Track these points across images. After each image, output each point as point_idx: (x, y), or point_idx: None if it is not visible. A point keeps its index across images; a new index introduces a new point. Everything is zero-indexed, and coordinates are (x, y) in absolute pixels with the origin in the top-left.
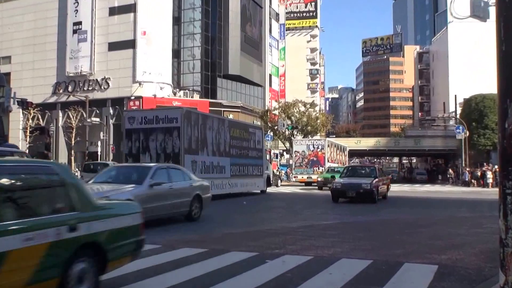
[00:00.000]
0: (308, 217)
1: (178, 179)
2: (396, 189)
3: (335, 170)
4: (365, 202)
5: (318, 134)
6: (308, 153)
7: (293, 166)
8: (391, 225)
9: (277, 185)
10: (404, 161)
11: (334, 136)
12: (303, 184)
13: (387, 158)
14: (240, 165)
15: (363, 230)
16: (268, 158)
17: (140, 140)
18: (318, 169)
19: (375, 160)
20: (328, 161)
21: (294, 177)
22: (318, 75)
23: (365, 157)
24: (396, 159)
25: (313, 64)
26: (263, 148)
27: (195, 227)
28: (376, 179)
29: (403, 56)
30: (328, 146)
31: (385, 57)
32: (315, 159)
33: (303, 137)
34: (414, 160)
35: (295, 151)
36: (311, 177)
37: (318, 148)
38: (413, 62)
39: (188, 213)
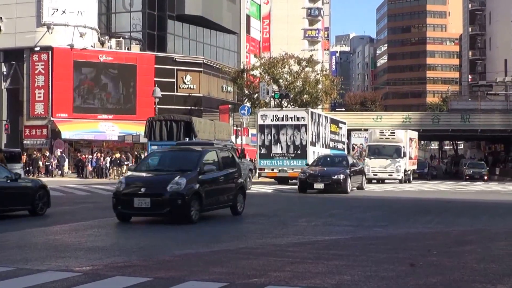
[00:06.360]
0: (302, 230)
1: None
2: (434, 188)
3: None
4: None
5: (320, 106)
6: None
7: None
8: (425, 242)
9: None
10: (446, 148)
11: (343, 109)
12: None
13: (422, 142)
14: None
15: (384, 248)
16: (240, 143)
17: (272, 134)
18: None
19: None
20: None
21: None
22: (320, 17)
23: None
24: (435, 144)
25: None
26: (346, 143)
27: (132, 243)
28: None
29: None
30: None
31: None
32: None
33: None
34: (462, 146)
35: (353, 144)
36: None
37: None
38: (461, 0)
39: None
